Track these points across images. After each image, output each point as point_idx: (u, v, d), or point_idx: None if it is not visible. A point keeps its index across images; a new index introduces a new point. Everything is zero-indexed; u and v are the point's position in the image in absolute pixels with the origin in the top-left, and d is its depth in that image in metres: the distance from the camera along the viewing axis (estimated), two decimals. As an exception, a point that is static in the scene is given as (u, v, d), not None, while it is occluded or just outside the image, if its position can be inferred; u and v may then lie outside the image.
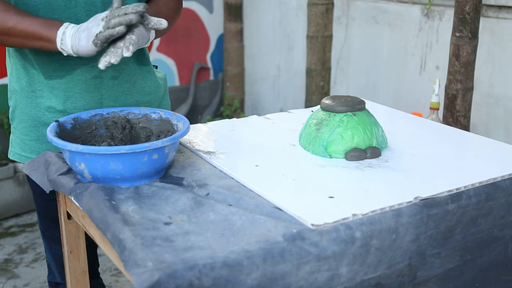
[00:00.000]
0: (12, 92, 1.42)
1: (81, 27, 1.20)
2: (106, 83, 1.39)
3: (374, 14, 3.09)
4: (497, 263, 1.20)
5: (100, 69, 1.27)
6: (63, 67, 1.35)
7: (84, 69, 1.35)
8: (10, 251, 2.80)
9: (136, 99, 1.44)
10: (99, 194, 1.09)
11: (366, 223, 1.00)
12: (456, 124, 2.11)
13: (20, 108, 1.39)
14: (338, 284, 0.99)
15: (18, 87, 1.39)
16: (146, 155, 1.10)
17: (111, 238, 0.97)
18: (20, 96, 1.39)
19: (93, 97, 1.37)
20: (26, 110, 1.38)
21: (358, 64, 3.25)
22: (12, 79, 1.41)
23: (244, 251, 0.91)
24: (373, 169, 1.22)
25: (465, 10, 2.00)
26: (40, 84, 1.36)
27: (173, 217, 1.02)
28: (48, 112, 1.37)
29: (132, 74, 1.43)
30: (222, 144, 1.36)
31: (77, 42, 1.19)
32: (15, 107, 1.41)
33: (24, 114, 1.39)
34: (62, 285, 1.54)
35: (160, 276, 0.84)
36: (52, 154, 1.30)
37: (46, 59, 1.34)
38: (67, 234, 1.35)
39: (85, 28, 1.19)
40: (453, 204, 1.10)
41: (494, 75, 2.51)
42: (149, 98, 1.48)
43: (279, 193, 1.09)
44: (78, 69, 1.35)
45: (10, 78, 1.42)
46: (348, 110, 1.31)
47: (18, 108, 1.40)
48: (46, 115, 1.37)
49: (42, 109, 1.37)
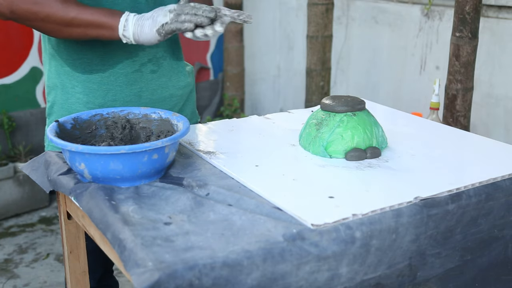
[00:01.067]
0: (51, 87, 1.46)
1: (145, 15, 1.24)
2: (145, 77, 1.44)
3: (374, 14, 3.09)
4: (497, 263, 1.20)
5: (141, 64, 1.39)
6: (106, 61, 1.40)
7: (126, 63, 1.41)
8: (10, 251, 2.80)
9: (171, 92, 1.50)
10: (99, 194, 1.09)
11: (366, 223, 1.00)
12: (456, 124, 2.11)
13: (59, 103, 1.44)
14: (338, 284, 0.99)
15: (58, 83, 1.43)
16: (146, 155, 1.10)
17: (111, 238, 0.97)
18: (60, 92, 1.43)
19: (132, 90, 1.43)
20: (65, 105, 1.43)
21: (358, 64, 3.25)
22: (51, 75, 1.44)
23: (244, 251, 0.91)
24: (373, 169, 1.22)
25: (465, 10, 2.00)
26: (80, 79, 1.40)
27: (173, 217, 1.02)
28: (87, 108, 1.41)
29: (169, 69, 1.49)
30: (222, 144, 1.36)
31: (139, 29, 1.23)
32: (53, 103, 1.46)
33: (64, 109, 1.43)
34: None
35: (160, 276, 0.84)
36: (52, 154, 1.30)
37: (89, 55, 1.39)
38: (67, 234, 1.36)
39: (149, 16, 1.23)
40: (453, 204, 1.10)
41: (494, 75, 2.51)
42: (182, 92, 1.54)
43: (279, 193, 1.09)
44: (120, 64, 1.41)
45: (49, 74, 1.46)
46: (348, 110, 1.31)
47: (57, 103, 1.45)
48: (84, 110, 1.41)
49: (80, 104, 1.41)
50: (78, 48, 1.39)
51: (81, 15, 1.25)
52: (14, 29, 3.24)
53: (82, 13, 1.25)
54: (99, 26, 1.26)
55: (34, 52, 3.33)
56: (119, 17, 1.25)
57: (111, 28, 1.25)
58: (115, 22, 1.25)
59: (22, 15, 1.26)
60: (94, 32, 1.27)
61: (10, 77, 3.27)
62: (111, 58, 1.40)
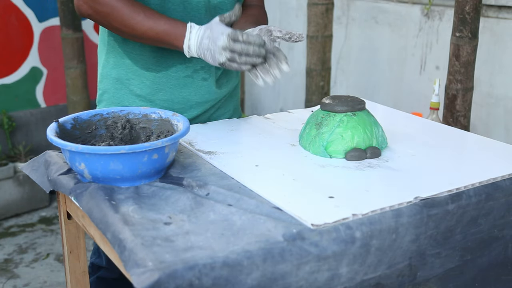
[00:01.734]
0: (104, 76, 1.52)
1: (203, 43, 1.28)
2: (196, 83, 1.50)
3: (374, 14, 3.09)
4: (497, 263, 1.20)
5: (194, 70, 1.47)
6: (161, 63, 1.46)
7: (179, 67, 1.47)
8: (10, 251, 2.80)
9: (219, 96, 1.56)
10: (99, 194, 1.09)
11: (366, 223, 1.00)
12: (456, 124, 2.11)
13: (111, 92, 1.52)
14: (338, 284, 0.99)
15: (114, 73, 1.50)
16: (146, 155, 1.10)
17: (111, 238, 0.97)
18: (114, 82, 1.50)
19: (182, 93, 1.50)
20: (117, 94, 1.50)
21: (358, 64, 3.25)
22: (108, 65, 1.51)
23: (244, 251, 0.91)
24: (373, 169, 1.22)
25: (465, 10, 2.00)
26: (135, 74, 1.48)
27: (173, 217, 1.02)
28: (139, 100, 1.49)
29: (220, 76, 1.55)
30: (222, 144, 1.36)
31: (202, 56, 1.30)
32: (105, 91, 1.53)
33: (115, 98, 1.51)
34: (104, 270, 1.63)
35: (160, 276, 0.84)
36: (52, 154, 1.30)
37: (146, 53, 1.45)
38: (67, 234, 1.35)
39: (206, 48, 1.27)
40: (453, 204, 1.10)
41: (494, 75, 2.51)
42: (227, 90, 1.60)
43: (279, 193, 1.09)
44: (173, 67, 1.47)
45: (104, 64, 1.52)
46: (348, 110, 1.31)
47: (108, 92, 1.52)
48: (136, 102, 1.49)
49: (133, 96, 1.49)
50: (139, 45, 1.46)
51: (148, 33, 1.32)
52: (14, 29, 3.24)
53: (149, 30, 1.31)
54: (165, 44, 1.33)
55: (34, 52, 3.33)
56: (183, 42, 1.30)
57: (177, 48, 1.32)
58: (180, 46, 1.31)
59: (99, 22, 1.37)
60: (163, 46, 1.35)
61: (10, 77, 3.27)
62: (165, 61, 1.46)
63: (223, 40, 1.23)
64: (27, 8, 3.26)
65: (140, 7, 1.31)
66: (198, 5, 1.44)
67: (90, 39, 3.57)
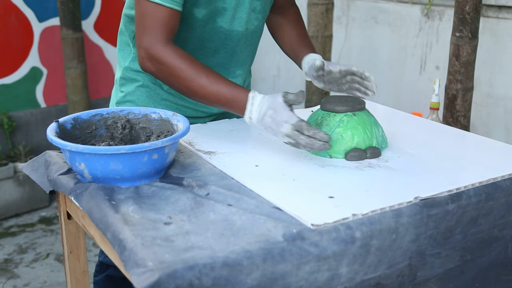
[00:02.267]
0: (128, 80, 1.53)
1: (264, 120, 1.24)
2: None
3: (374, 14, 3.09)
4: (497, 263, 1.20)
5: None
6: None
7: None
8: (10, 251, 2.80)
9: None
10: (99, 194, 1.09)
11: (366, 223, 1.00)
12: (456, 124, 2.11)
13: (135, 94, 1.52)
14: (338, 284, 0.99)
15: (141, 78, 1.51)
16: (146, 155, 1.10)
17: (111, 238, 0.97)
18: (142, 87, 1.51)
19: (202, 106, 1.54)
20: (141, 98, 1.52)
21: (358, 64, 3.25)
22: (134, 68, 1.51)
23: (244, 251, 0.91)
24: (373, 169, 1.22)
25: (465, 10, 2.00)
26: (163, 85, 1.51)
27: (173, 217, 1.02)
28: (165, 101, 1.52)
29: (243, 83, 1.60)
30: (222, 144, 1.36)
31: (263, 129, 1.26)
32: (127, 93, 1.53)
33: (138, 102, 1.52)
34: (113, 268, 1.63)
35: (160, 276, 0.84)
36: (52, 154, 1.30)
37: None
38: (67, 234, 1.35)
39: (268, 126, 1.24)
40: (453, 204, 1.10)
41: (494, 75, 2.51)
42: None
43: (279, 193, 1.09)
44: None
45: (130, 66, 1.52)
46: (348, 110, 1.31)
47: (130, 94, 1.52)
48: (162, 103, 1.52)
49: (158, 99, 1.52)
50: None
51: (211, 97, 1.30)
52: (14, 29, 3.24)
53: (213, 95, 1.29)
54: (227, 109, 1.31)
55: (34, 52, 3.33)
56: (244, 112, 1.27)
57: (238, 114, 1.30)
58: (241, 113, 1.28)
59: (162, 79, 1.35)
60: (222, 109, 1.34)
61: (10, 77, 3.27)
62: None
63: (286, 129, 1.20)
64: (27, 8, 3.26)
65: (203, 70, 1.30)
66: (237, 35, 1.47)
67: (90, 39, 3.57)
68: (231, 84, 1.29)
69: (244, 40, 1.50)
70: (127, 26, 1.49)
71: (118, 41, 1.55)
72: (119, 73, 1.55)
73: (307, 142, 1.18)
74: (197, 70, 1.29)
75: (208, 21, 1.42)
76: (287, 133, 1.20)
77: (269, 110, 1.22)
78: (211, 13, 1.41)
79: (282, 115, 1.20)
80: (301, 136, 1.19)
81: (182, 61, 1.30)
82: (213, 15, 1.41)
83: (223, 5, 1.41)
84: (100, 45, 3.63)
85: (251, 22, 1.49)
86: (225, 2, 1.41)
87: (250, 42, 1.53)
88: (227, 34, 1.46)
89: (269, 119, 1.22)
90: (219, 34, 1.45)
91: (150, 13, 1.31)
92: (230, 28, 1.45)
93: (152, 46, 1.31)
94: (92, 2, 3.53)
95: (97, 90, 3.64)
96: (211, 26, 1.43)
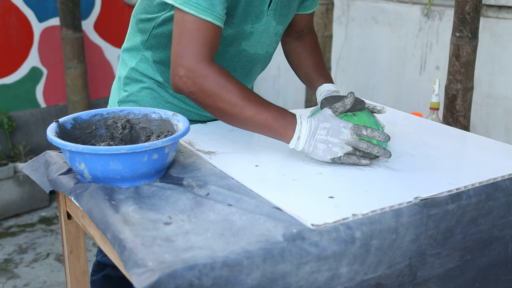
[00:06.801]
0: (133, 80, 1.51)
1: (317, 134, 1.21)
2: None
3: (374, 14, 3.09)
4: (497, 263, 1.20)
5: None
6: None
7: None
8: (10, 251, 2.80)
9: None
10: (99, 194, 1.09)
11: (366, 223, 1.00)
12: (456, 124, 2.11)
13: (140, 95, 1.51)
14: (338, 284, 0.99)
15: (147, 80, 1.50)
16: (146, 155, 1.10)
17: (111, 238, 0.97)
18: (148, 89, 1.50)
19: (207, 117, 1.54)
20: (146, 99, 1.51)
21: (358, 64, 3.25)
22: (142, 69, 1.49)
23: (244, 251, 0.91)
24: (373, 169, 1.22)
25: (465, 10, 2.00)
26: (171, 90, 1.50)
27: (173, 217, 1.02)
28: (170, 104, 1.51)
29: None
30: (222, 144, 1.36)
31: (311, 149, 1.22)
32: (131, 93, 1.52)
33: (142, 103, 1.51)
34: (110, 268, 1.62)
35: (160, 276, 0.84)
36: (52, 154, 1.30)
37: None
38: (67, 234, 1.36)
39: (323, 139, 1.21)
40: (453, 204, 1.10)
41: (494, 75, 2.51)
42: None
43: (279, 193, 1.09)
44: None
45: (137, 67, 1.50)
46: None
47: (133, 94, 1.51)
48: (166, 106, 1.51)
49: (162, 101, 1.51)
50: None
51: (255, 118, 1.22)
52: (14, 29, 3.24)
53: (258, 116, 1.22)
54: (271, 132, 1.24)
55: (34, 52, 3.33)
56: (292, 130, 1.22)
57: (282, 138, 1.24)
58: (287, 135, 1.23)
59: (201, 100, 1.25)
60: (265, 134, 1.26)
61: (10, 77, 3.27)
62: None
63: (346, 134, 1.20)
64: (27, 8, 3.26)
65: (249, 91, 1.24)
66: (257, 58, 1.48)
67: (90, 39, 3.57)
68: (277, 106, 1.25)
69: (262, 61, 1.52)
70: (140, 29, 1.45)
71: (127, 42, 1.52)
72: (123, 71, 1.53)
73: (366, 146, 1.20)
74: (244, 90, 1.23)
75: (233, 42, 1.41)
76: (347, 139, 1.20)
77: (322, 123, 1.21)
78: (238, 34, 1.39)
79: (337, 123, 1.21)
80: (362, 143, 1.20)
81: (228, 81, 1.23)
82: (238, 38, 1.40)
83: (251, 30, 1.40)
84: (100, 45, 3.63)
85: (272, 46, 1.51)
86: (254, 27, 1.40)
87: (266, 62, 1.55)
88: (248, 57, 1.46)
89: (323, 131, 1.20)
90: (240, 56, 1.45)
91: (196, 29, 1.22)
92: (253, 52, 1.45)
93: (196, 64, 1.22)
94: (92, 2, 3.53)
95: (97, 90, 3.64)
96: (235, 48, 1.42)
